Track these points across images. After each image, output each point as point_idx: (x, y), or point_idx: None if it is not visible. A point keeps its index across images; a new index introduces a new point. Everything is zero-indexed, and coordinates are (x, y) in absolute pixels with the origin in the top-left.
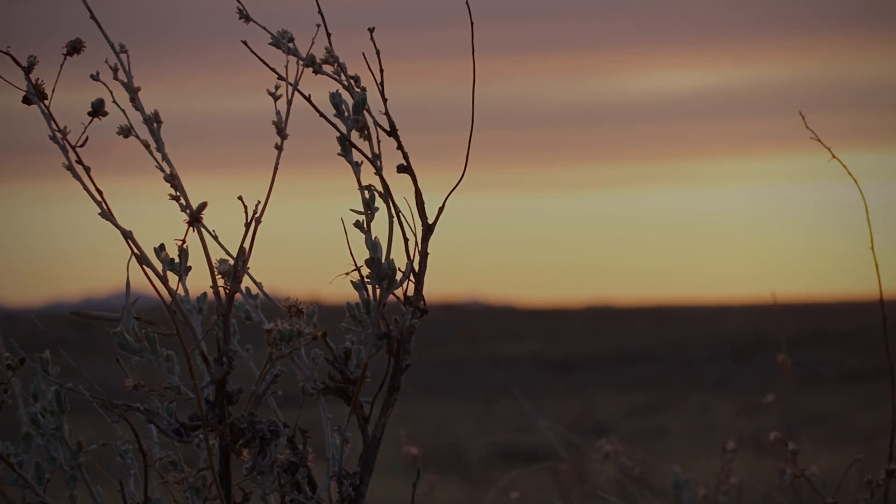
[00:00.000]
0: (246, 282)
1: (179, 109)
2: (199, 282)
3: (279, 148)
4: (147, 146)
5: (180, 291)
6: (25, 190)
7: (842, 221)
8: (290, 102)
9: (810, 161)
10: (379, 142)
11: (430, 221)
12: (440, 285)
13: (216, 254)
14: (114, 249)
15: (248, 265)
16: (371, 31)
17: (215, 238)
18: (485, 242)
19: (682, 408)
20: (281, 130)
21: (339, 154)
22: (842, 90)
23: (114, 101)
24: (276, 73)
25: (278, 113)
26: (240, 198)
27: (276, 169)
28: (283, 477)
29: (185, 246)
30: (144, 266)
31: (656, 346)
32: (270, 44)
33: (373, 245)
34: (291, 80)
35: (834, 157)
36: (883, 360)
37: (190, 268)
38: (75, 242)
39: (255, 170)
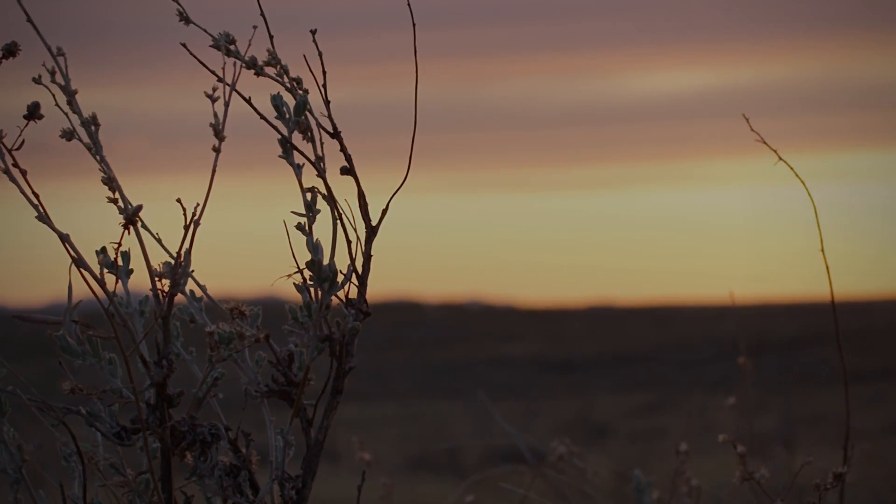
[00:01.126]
0: (192, 285)
1: (180, 110)
2: (146, 284)
3: (217, 150)
4: (90, 149)
5: (122, 294)
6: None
7: (842, 222)
8: (227, 104)
9: (810, 162)
10: (322, 144)
11: (374, 223)
12: (441, 286)
13: (163, 256)
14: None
15: (192, 267)
16: (313, 33)
17: (158, 241)
18: (486, 243)
19: (682, 408)
20: (218, 132)
21: (280, 156)
22: (842, 91)
23: (56, 105)
24: (216, 75)
25: (216, 115)
26: (178, 200)
27: (213, 171)
28: (224, 480)
29: (122, 248)
30: (82, 269)
31: (656, 347)
32: (211, 46)
33: (314, 247)
34: (240, 83)
35: (780, 159)
36: (884, 361)
37: (132, 270)
38: (76, 243)
39: (251, 170)
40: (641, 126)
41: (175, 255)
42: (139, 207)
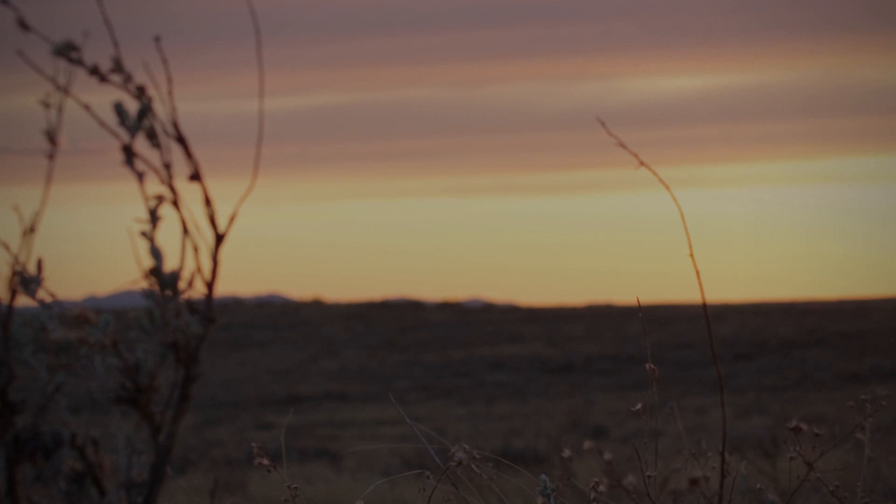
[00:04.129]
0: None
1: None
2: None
3: (50, 156)
4: None
5: None
6: (27, 192)
7: (840, 225)
8: (59, 110)
9: (809, 164)
10: (170, 151)
11: (222, 230)
12: (441, 287)
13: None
14: (114, 251)
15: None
16: (157, 40)
17: (6, 247)
18: (486, 245)
19: (680, 409)
20: (53, 139)
21: (123, 163)
22: (843, 94)
23: None
24: (52, 81)
25: (50, 122)
26: (15, 207)
27: (49, 179)
28: (70, 486)
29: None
30: None
31: (655, 348)
32: (53, 53)
33: (155, 254)
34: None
35: (642, 164)
36: (880, 362)
37: None
38: (77, 244)
39: (242, 172)
40: (641, 129)
41: (14, 261)
42: None
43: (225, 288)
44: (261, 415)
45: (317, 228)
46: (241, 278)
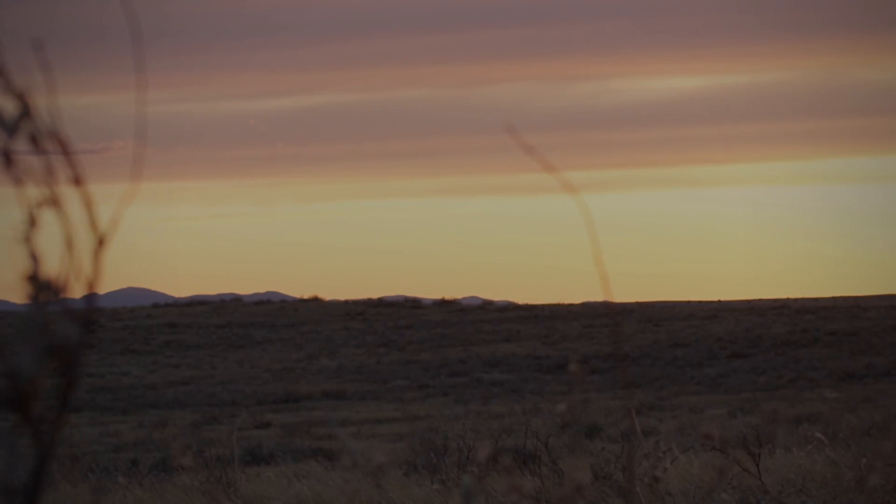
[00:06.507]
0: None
1: (174, 113)
2: None
3: None
4: None
5: None
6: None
7: (837, 225)
8: None
9: (807, 164)
10: (52, 156)
11: (103, 234)
12: (439, 286)
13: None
14: (116, 251)
15: None
16: (38, 44)
17: None
18: (484, 244)
19: (675, 408)
20: None
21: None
22: (842, 94)
23: None
24: None
25: None
26: None
27: None
28: None
29: None
30: None
31: (651, 347)
32: None
33: (33, 258)
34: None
35: (552, 172)
36: (873, 361)
37: None
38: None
39: (242, 171)
40: (638, 130)
41: None
42: None
43: (224, 287)
44: (259, 413)
45: (315, 228)
46: (239, 277)
